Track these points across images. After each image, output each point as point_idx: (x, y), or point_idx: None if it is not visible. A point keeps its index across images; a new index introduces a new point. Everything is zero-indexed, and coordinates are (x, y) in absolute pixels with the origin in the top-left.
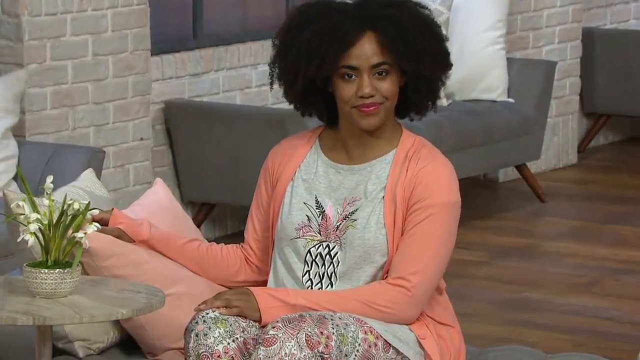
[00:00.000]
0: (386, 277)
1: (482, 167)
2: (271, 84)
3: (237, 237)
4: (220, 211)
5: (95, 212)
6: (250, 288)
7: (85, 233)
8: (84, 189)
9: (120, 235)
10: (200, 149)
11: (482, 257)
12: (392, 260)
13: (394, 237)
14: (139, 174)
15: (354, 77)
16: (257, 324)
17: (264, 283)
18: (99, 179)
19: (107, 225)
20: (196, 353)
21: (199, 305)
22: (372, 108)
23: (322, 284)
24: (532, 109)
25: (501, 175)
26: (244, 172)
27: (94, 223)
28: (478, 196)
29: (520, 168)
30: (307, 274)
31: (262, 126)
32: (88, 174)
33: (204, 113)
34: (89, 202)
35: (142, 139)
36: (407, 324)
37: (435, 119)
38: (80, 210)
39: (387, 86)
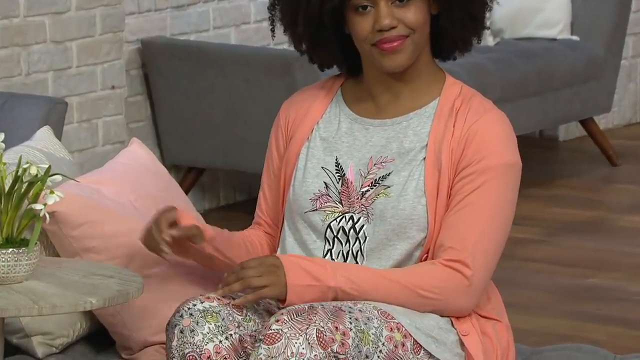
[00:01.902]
0: (426, 256)
1: (538, 122)
2: (272, 30)
3: (230, 209)
4: (210, 178)
5: (58, 178)
6: (280, 256)
7: (45, 204)
8: (41, 149)
9: (198, 234)
10: (186, 100)
11: (537, 235)
12: (441, 237)
13: (437, 208)
14: (110, 131)
15: (369, 8)
16: (256, 317)
17: None
18: (60, 138)
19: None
20: (181, 353)
21: (218, 290)
22: (395, 43)
23: None
24: (602, 49)
25: (562, 132)
26: (240, 130)
27: (56, 192)
28: (533, 159)
29: (586, 123)
30: (329, 254)
31: (263, 72)
32: (46, 132)
33: (190, 55)
34: (50, 165)
35: (113, 87)
36: (458, 316)
37: (477, 62)
38: (39, 175)
39: (412, 14)
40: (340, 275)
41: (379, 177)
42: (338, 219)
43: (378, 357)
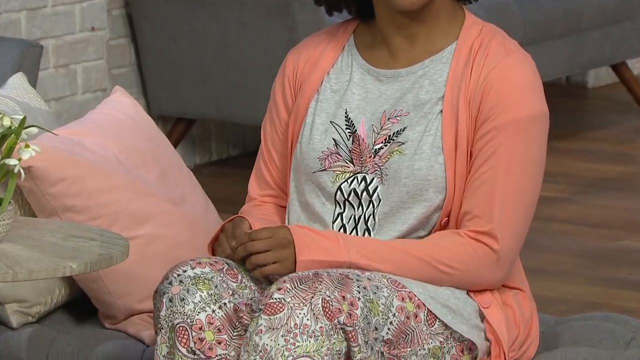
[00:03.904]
0: (446, 221)
1: (564, 67)
2: None
3: (223, 164)
4: (201, 129)
5: (33, 130)
6: (291, 229)
7: (19, 159)
8: (14, 98)
9: (242, 221)
10: (175, 44)
11: (563, 192)
12: (465, 204)
13: (456, 167)
14: (90, 78)
15: None
16: (252, 284)
17: None
18: (35, 85)
19: None
20: (170, 324)
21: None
22: None
23: (357, 230)
24: None
25: (591, 78)
26: (234, 77)
27: (31, 145)
28: (559, 108)
29: (619, 68)
30: (340, 218)
31: (260, 12)
32: (19, 78)
33: None
34: (24, 116)
35: (93, 28)
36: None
37: (499, 1)
38: (13, 127)
39: None
40: (355, 251)
41: (394, 133)
42: (349, 180)
43: (388, 329)
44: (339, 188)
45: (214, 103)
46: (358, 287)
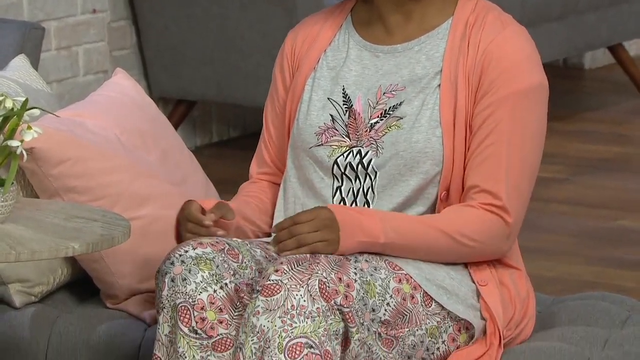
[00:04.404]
0: (446, 194)
1: (561, 49)
2: None
3: (224, 146)
4: (202, 111)
5: (35, 112)
6: (333, 209)
7: (22, 141)
8: (16, 80)
9: (229, 209)
10: (176, 26)
11: (559, 173)
12: (472, 177)
13: (455, 140)
14: (92, 60)
15: None
16: (253, 264)
17: None
18: (36, 67)
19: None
20: (172, 304)
21: (271, 248)
22: None
23: (356, 204)
24: None
25: (588, 60)
26: (235, 59)
27: (34, 127)
28: (556, 89)
29: (615, 50)
30: (338, 192)
31: None
32: (21, 60)
33: None
34: (26, 98)
35: (94, 11)
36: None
37: None
38: (15, 109)
39: None
40: (390, 229)
41: (390, 107)
42: (345, 154)
43: (385, 310)
44: (336, 162)
45: (214, 85)
46: (355, 269)
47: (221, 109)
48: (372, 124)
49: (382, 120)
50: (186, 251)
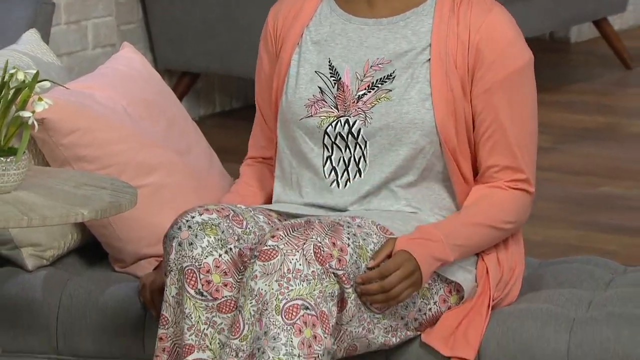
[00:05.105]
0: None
1: (548, 23)
2: None
3: (227, 116)
4: (206, 83)
5: (46, 84)
6: (413, 254)
7: (33, 112)
8: (27, 53)
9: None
10: (181, 1)
11: (546, 142)
12: (485, 158)
13: (444, 112)
14: (100, 34)
15: None
16: (256, 230)
17: None
18: (47, 41)
19: None
20: (179, 267)
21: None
22: None
23: (348, 172)
24: None
25: (574, 34)
26: (237, 33)
27: (44, 99)
28: (542, 62)
29: (600, 24)
30: (329, 161)
31: None
32: (32, 35)
33: None
34: (37, 71)
35: None
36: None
37: None
38: (27, 81)
39: None
40: (452, 245)
41: (377, 80)
42: (334, 124)
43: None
44: (325, 132)
45: (217, 58)
46: (348, 233)
47: (224, 80)
48: (359, 95)
49: (370, 92)
50: (193, 217)
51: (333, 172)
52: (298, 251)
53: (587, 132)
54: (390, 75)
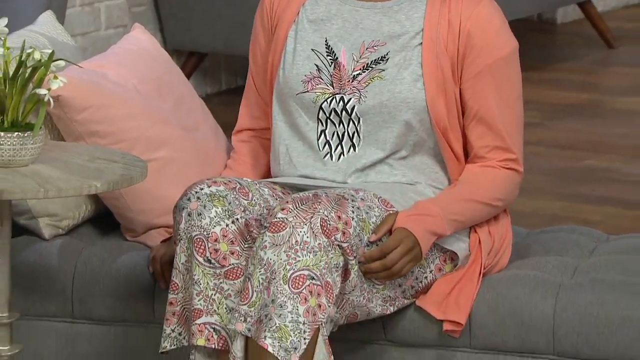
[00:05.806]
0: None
1: (536, 5)
2: None
3: (232, 93)
4: (212, 62)
5: (61, 63)
6: (412, 231)
7: (49, 89)
8: (43, 34)
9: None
10: None
11: (533, 118)
12: (476, 139)
13: (436, 90)
14: (112, 15)
15: None
16: (261, 202)
17: None
18: (62, 22)
19: None
20: (188, 236)
21: (362, 271)
22: None
23: (342, 147)
24: None
25: (560, 15)
26: (242, 15)
27: (60, 77)
28: (530, 42)
29: (584, 6)
30: (323, 135)
31: None
32: (48, 16)
33: None
34: (53, 51)
35: None
36: None
37: None
38: (43, 60)
39: None
40: (448, 220)
41: (372, 61)
42: (329, 100)
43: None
44: (320, 107)
45: (223, 39)
46: (352, 207)
47: (229, 60)
48: (354, 75)
49: (364, 72)
50: (201, 188)
51: (327, 145)
52: (306, 224)
53: (573, 109)
54: (384, 57)
